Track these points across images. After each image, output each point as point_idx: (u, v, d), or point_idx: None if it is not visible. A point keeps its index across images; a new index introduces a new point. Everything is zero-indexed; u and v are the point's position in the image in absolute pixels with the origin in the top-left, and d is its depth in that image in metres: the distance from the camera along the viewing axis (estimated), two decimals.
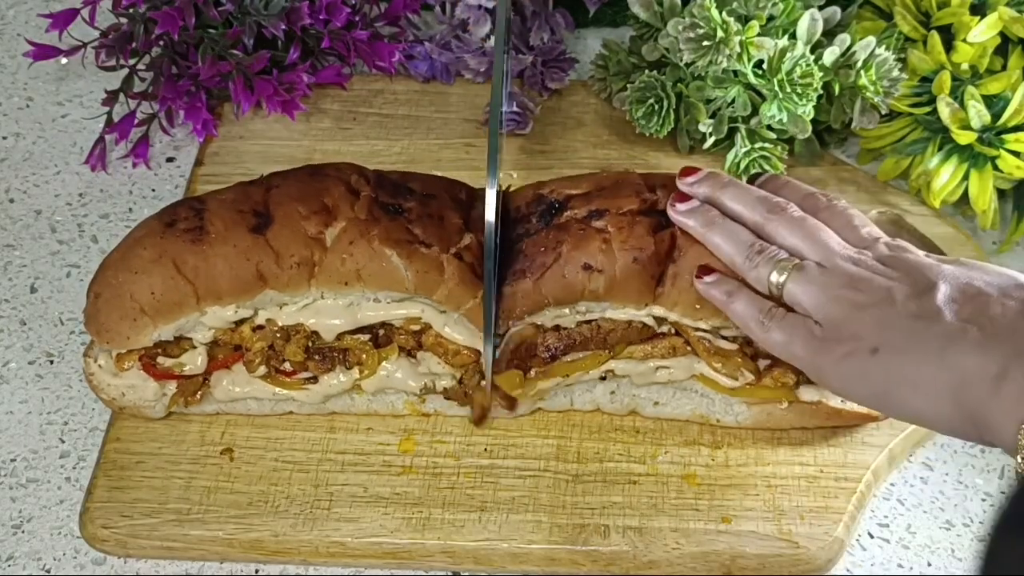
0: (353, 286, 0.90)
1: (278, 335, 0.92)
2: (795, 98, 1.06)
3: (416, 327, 0.93)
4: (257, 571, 0.90)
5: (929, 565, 0.90)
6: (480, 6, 1.16)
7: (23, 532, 0.92)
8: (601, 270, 0.89)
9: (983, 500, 0.93)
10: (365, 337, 0.93)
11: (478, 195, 0.96)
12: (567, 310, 0.92)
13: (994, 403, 0.72)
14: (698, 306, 0.89)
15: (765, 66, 1.07)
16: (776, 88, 1.06)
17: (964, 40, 1.06)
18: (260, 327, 0.93)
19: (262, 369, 0.93)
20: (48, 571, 0.90)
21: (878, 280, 0.81)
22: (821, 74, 1.06)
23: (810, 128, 1.08)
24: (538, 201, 0.94)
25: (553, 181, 0.96)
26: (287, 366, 0.94)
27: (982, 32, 1.06)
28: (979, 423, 0.73)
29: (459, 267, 0.90)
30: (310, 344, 0.93)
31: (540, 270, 0.90)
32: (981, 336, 0.74)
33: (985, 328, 0.75)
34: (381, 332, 0.94)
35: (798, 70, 1.05)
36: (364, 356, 0.93)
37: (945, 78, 1.06)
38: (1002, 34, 1.07)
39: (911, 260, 0.82)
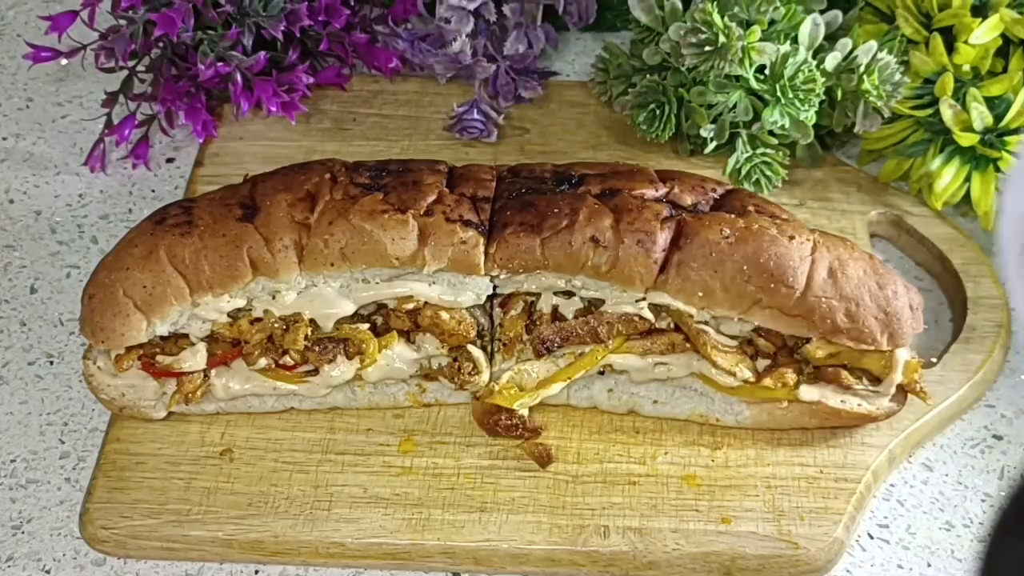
0: (340, 267, 0.91)
1: (277, 326, 0.92)
2: (797, 103, 1.06)
3: (410, 305, 0.93)
4: (257, 572, 0.90)
5: (929, 566, 0.89)
6: (462, 7, 1.16)
7: (23, 533, 0.92)
8: (607, 246, 0.90)
9: (983, 501, 0.93)
10: (364, 326, 0.93)
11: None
12: (561, 281, 0.92)
13: None
14: (701, 294, 0.89)
15: (767, 71, 1.06)
16: (778, 93, 1.06)
17: (965, 42, 1.06)
18: (258, 319, 0.93)
19: (262, 362, 0.93)
20: (48, 572, 0.90)
21: None
22: (823, 79, 1.05)
23: (812, 133, 1.08)
24: (554, 170, 0.96)
25: (571, 163, 0.98)
26: (287, 360, 0.94)
27: (984, 34, 1.05)
28: None
29: (431, 223, 0.90)
30: (309, 333, 0.93)
31: (549, 231, 0.90)
32: None
33: None
34: (379, 321, 0.94)
35: (800, 76, 1.05)
36: (364, 345, 0.93)
37: (947, 80, 1.06)
38: (1003, 35, 1.07)
39: None
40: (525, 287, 0.93)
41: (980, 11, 1.08)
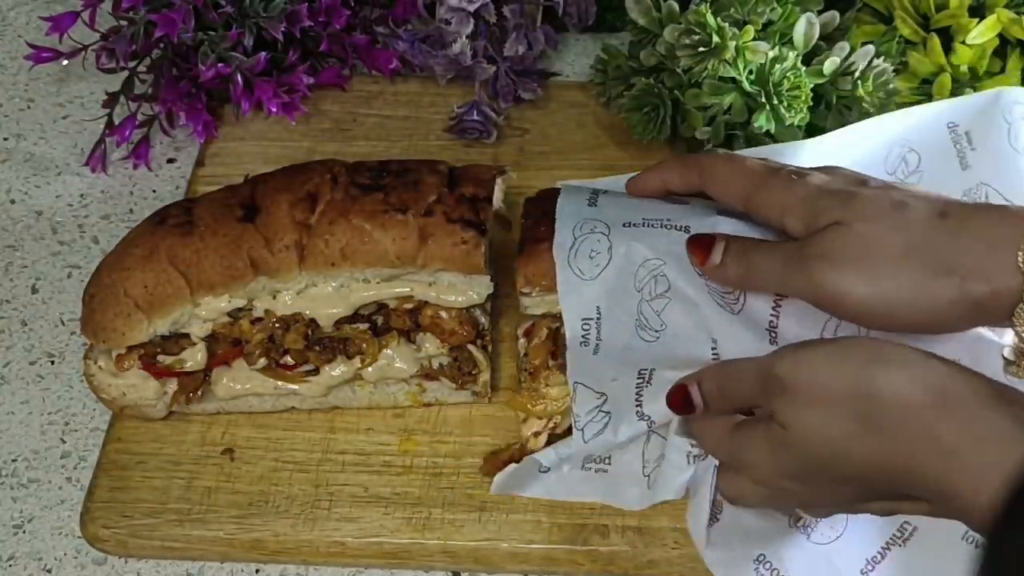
0: (340, 267, 0.91)
1: (277, 326, 0.93)
2: (783, 109, 1.05)
3: (410, 305, 0.93)
4: (258, 571, 0.91)
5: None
6: (462, 8, 1.17)
7: (24, 532, 0.92)
8: None
9: None
10: (364, 326, 0.94)
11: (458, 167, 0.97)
12: None
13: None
14: None
15: (754, 75, 1.06)
16: (763, 99, 1.05)
17: (963, 42, 1.06)
18: (259, 319, 0.93)
19: (262, 361, 0.94)
20: (49, 571, 0.90)
21: None
22: (811, 85, 1.04)
23: (801, 137, 1.07)
24: None
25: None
26: (288, 359, 0.94)
27: (980, 34, 1.06)
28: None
29: (431, 223, 0.91)
30: (309, 333, 0.93)
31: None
32: None
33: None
34: (379, 321, 0.94)
35: (787, 82, 1.04)
36: (364, 345, 0.93)
37: (945, 80, 1.06)
38: (1001, 36, 1.07)
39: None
40: None
41: (977, 12, 1.08)
